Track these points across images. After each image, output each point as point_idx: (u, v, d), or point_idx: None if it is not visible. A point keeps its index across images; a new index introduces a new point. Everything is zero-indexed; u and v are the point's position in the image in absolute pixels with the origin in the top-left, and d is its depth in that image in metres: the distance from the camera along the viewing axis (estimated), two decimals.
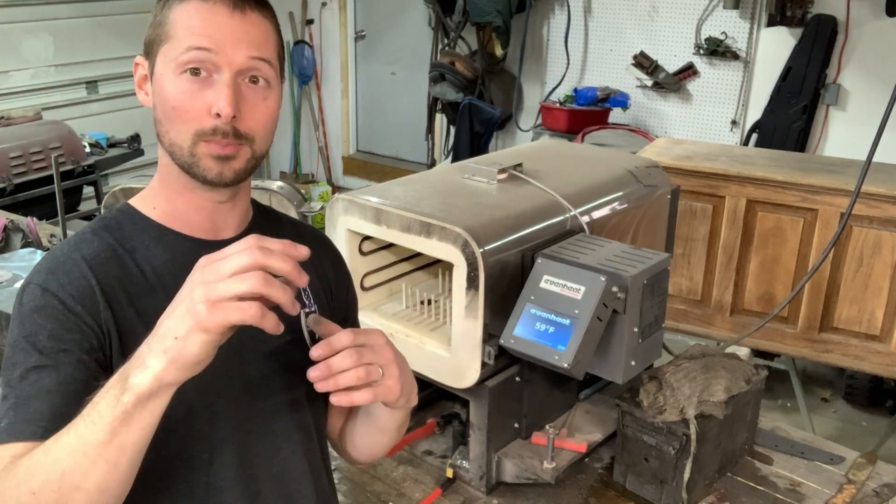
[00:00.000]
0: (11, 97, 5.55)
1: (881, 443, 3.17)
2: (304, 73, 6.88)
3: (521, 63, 5.44)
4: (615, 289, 1.50)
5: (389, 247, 1.88)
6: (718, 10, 4.67)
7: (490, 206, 1.72)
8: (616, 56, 5.14)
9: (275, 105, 1.05)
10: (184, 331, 0.82)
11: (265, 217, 1.20)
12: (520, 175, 1.86)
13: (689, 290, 2.78)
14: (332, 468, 1.27)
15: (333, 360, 0.96)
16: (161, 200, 1.08)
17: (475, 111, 5.32)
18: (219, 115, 0.98)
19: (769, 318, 2.34)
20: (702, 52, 4.76)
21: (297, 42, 6.79)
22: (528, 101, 5.63)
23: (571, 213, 1.78)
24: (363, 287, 1.87)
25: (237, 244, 0.85)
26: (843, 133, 4.44)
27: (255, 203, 1.18)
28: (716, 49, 4.69)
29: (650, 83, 4.95)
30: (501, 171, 1.84)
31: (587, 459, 1.80)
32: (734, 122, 4.80)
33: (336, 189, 6.71)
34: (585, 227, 1.78)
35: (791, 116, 4.49)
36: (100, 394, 0.86)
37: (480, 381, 1.63)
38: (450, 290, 1.72)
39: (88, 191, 4.93)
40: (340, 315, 1.24)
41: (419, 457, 1.84)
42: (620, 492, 1.72)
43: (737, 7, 4.54)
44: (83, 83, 6.01)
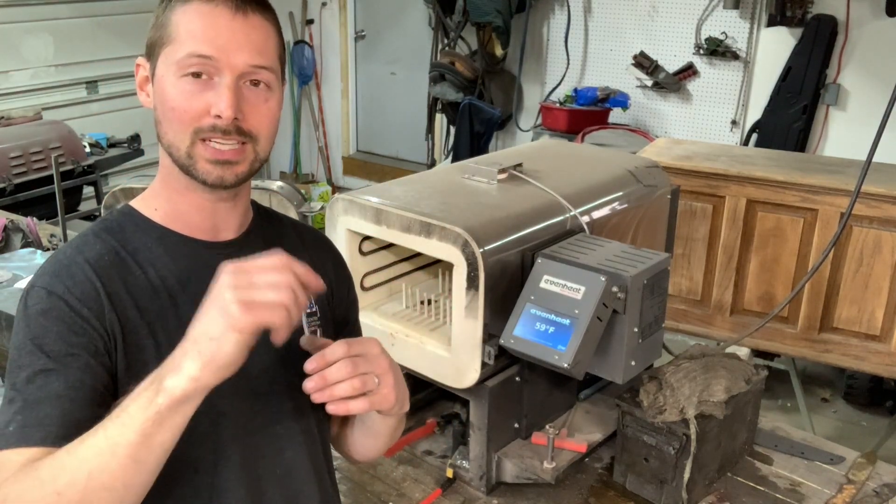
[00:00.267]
0: (11, 97, 5.55)
1: (881, 443, 3.17)
2: (304, 73, 6.88)
3: (521, 63, 5.44)
4: (615, 289, 1.50)
5: (389, 247, 1.88)
6: (718, 10, 4.67)
7: (490, 206, 1.72)
8: (616, 56, 5.14)
9: (276, 107, 1.05)
10: (218, 332, 0.85)
11: (266, 218, 1.20)
12: (520, 175, 1.86)
13: (689, 290, 2.78)
14: (333, 468, 1.27)
15: (328, 372, 0.97)
16: (162, 201, 1.09)
17: (475, 111, 5.32)
18: (219, 117, 0.98)
19: (769, 318, 2.34)
20: (702, 52, 4.76)
21: (297, 42, 6.79)
22: (528, 101, 5.63)
23: (571, 213, 1.78)
24: (363, 287, 1.87)
25: (268, 259, 0.89)
26: (843, 133, 4.44)
27: (256, 204, 1.18)
28: (716, 49, 4.69)
29: (650, 83, 4.95)
30: (501, 171, 1.84)
31: (587, 459, 1.80)
32: (734, 122, 4.80)
33: (336, 189, 6.71)
34: (585, 227, 1.78)
35: (791, 116, 4.48)
36: (130, 397, 0.88)
37: (480, 381, 1.63)
38: (450, 290, 1.72)
39: (88, 191, 4.93)
40: (341, 316, 1.25)
41: (419, 457, 1.84)
42: (620, 492, 1.72)
43: (737, 7, 4.54)
44: (83, 83, 6.01)
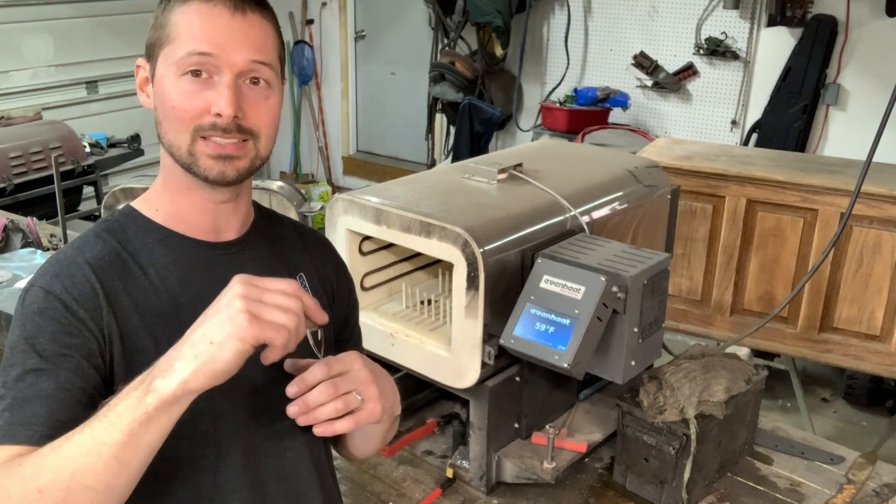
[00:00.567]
0: (11, 97, 5.55)
1: (881, 443, 3.17)
2: (304, 73, 6.88)
3: (521, 63, 5.44)
4: (615, 289, 1.50)
5: (389, 247, 1.88)
6: (718, 10, 4.67)
7: (490, 206, 1.72)
8: (616, 56, 5.14)
9: (276, 104, 1.05)
10: (221, 337, 0.85)
11: (267, 219, 1.20)
12: (520, 175, 1.86)
13: (689, 290, 2.78)
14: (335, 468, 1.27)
15: (310, 396, 0.97)
16: (164, 202, 1.08)
17: (475, 111, 5.32)
18: (219, 115, 0.99)
19: (769, 318, 2.34)
20: (702, 52, 4.76)
21: (297, 42, 6.78)
22: (528, 101, 5.63)
23: (571, 213, 1.78)
24: (363, 287, 1.87)
25: (282, 282, 0.90)
26: (843, 133, 4.44)
27: (257, 205, 1.18)
28: (716, 49, 4.69)
29: (650, 83, 4.95)
30: (501, 171, 1.84)
31: (587, 459, 1.80)
32: (734, 122, 4.80)
33: (336, 189, 6.71)
34: (585, 227, 1.78)
35: (791, 116, 4.48)
36: (118, 396, 0.87)
37: (480, 381, 1.63)
38: (450, 290, 1.72)
39: (88, 191, 4.93)
40: (341, 318, 1.25)
41: (419, 457, 1.84)
42: (620, 492, 1.72)
43: (737, 7, 4.54)
44: (83, 83, 6.01)
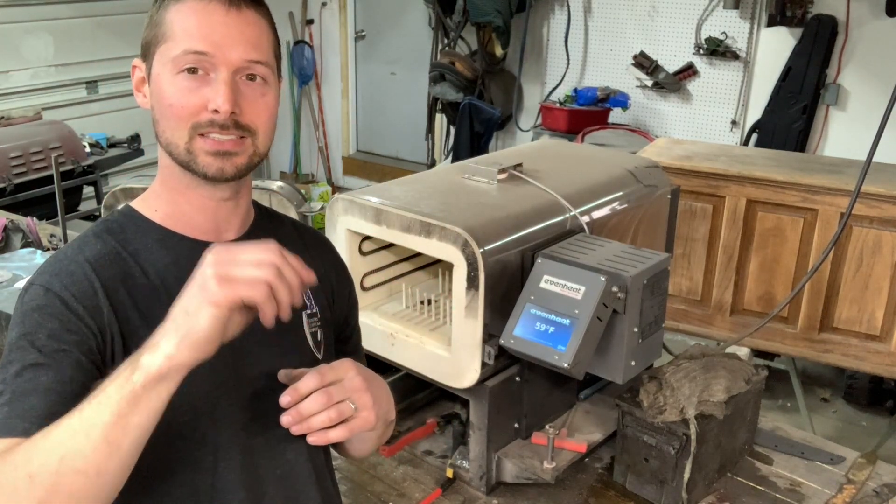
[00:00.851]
0: (11, 97, 5.55)
1: (881, 443, 3.17)
2: (304, 73, 6.88)
3: (521, 63, 5.44)
4: (615, 289, 1.50)
5: (389, 247, 1.88)
6: (718, 10, 4.67)
7: (490, 206, 1.72)
8: (616, 56, 5.14)
9: (273, 101, 1.05)
10: (195, 306, 0.84)
11: (267, 218, 1.19)
12: (520, 175, 1.86)
13: (689, 290, 2.78)
14: (334, 469, 1.27)
15: (303, 405, 0.96)
16: (163, 202, 1.08)
17: (475, 111, 5.32)
18: (216, 112, 0.99)
19: (769, 318, 2.34)
20: (702, 52, 4.76)
21: (297, 42, 6.78)
22: (528, 101, 5.63)
23: (571, 213, 1.78)
24: (363, 287, 1.87)
25: (257, 244, 0.88)
26: (843, 133, 4.44)
27: (257, 204, 1.17)
28: (716, 49, 4.69)
29: (650, 83, 4.95)
30: (501, 171, 1.84)
31: (587, 459, 1.80)
32: (734, 122, 4.80)
33: (336, 189, 6.71)
34: (585, 227, 1.78)
35: (791, 116, 4.48)
36: (108, 378, 0.86)
37: (480, 381, 1.63)
38: (450, 290, 1.72)
39: (88, 191, 4.93)
40: (341, 318, 1.25)
41: (419, 457, 1.84)
42: (620, 492, 1.72)
43: (737, 7, 4.54)
44: (83, 83, 6.01)
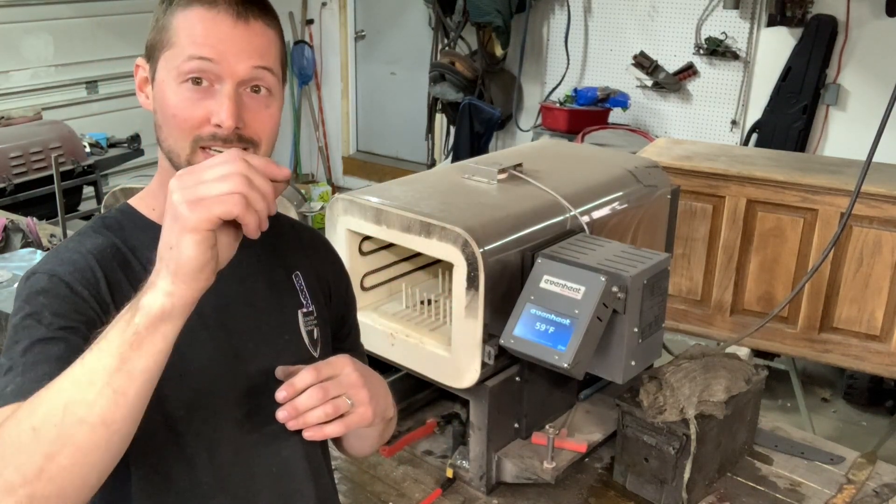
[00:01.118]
0: (11, 97, 5.55)
1: (881, 443, 3.17)
2: (304, 73, 6.88)
3: (521, 63, 5.44)
4: (615, 289, 1.50)
5: (389, 247, 1.88)
6: (718, 10, 4.67)
7: (490, 206, 1.72)
8: (616, 56, 5.14)
9: (277, 113, 1.04)
10: (175, 238, 0.81)
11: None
12: (520, 175, 1.86)
13: (689, 290, 2.78)
14: (332, 468, 1.27)
15: (299, 400, 0.96)
16: (160, 202, 1.07)
17: (475, 111, 5.32)
18: (219, 126, 0.98)
19: (769, 318, 2.34)
20: (702, 52, 4.76)
21: (297, 42, 6.78)
22: (528, 101, 5.63)
23: (571, 213, 1.78)
24: (363, 287, 1.87)
25: (218, 156, 0.84)
26: (843, 133, 4.44)
27: None
28: (716, 49, 4.69)
29: (650, 83, 4.95)
30: (501, 171, 1.84)
31: (587, 459, 1.80)
32: (734, 122, 4.80)
33: (336, 189, 6.71)
34: (585, 227, 1.78)
35: (791, 116, 4.48)
36: (109, 326, 0.84)
37: (480, 381, 1.63)
38: (450, 290, 1.72)
39: (88, 191, 4.92)
40: (339, 315, 1.25)
41: (419, 457, 1.84)
42: (620, 492, 1.72)
43: (737, 7, 4.54)
44: (83, 83, 6.01)
